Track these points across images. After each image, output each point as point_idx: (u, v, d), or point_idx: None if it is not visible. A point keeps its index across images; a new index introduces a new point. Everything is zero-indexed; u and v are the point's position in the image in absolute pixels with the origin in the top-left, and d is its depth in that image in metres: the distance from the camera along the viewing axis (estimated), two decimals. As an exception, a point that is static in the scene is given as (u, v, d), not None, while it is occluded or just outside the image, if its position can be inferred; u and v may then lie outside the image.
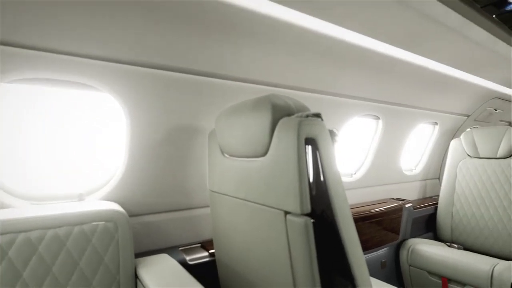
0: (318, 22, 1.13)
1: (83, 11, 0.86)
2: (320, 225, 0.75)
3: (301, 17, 1.10)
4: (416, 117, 2.23)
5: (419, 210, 2.26)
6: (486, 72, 1.99)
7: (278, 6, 1.02)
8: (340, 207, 0.78)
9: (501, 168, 2.09)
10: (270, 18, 1.06)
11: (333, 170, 0.78)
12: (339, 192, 0.78)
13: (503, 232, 1.99)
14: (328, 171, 0.77)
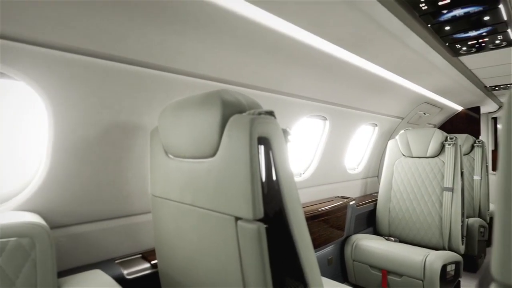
0: (269, 17, 1.09)
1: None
2: (273, 230, 0.70)
3: (252, 10, 1.04)
4: (359, 118, 2.35)
5: (361, 207, 2.38)
6: (419, 78, 2.17)
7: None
8: (294, 210, 0.74)
9: (430, 166, 2.30)
10: (219, 9, 0.98)
11: (286, 171, 0.73)
12: (292, 194, 0.74)
13: (432, 225, 2.20)
14: (281, 173, 0.72)
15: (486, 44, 1.59)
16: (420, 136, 2.37)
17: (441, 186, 2.22)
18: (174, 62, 1.11)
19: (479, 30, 1.41)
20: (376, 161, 2.93)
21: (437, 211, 2.20)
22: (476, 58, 1.86)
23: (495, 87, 2.68)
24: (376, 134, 2.72)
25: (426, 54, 1.70)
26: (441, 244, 2.14)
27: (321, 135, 2.17)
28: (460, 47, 1.63)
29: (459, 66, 2.01)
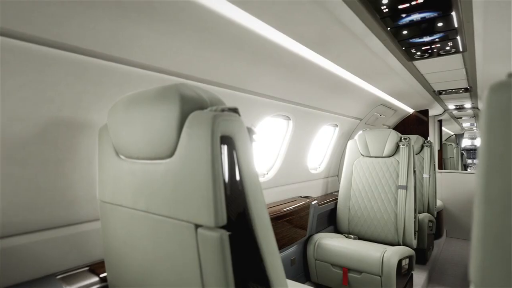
0: (233, 9, 1.03)
1: None
2: (237, 238, 0.64)
3: (215, 1, 0.98)
4: (321, 119, 2.38)
5: (323, 206, 2.42)
6: (377, 80, 2.26)
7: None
8: (259, 215, 0.69)
9: (386, 165, 2.41)
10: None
11: (251, 173, 0.68)
12: (258, 197, 0.69)
13: (388, 222, 2.30)
14: (246, 175, 0.67)
15: (437, 50, 1.68)
16: (377, 137, 2.47)
17: (396, 184, 2.33)
18: (128, 52, 1.01)
19: (433, 36, 1.48)
20: (337, 161, 3.01)
21: (393, 209, 2.30)
22: (428, 63, 1.97)
23: (442, 91, 2.89)
24: (336, 134, 2.79)
25: (384, 57, 1.75)
26: (396, 240, 2.25)
27: (285, 135, 2.16)
28: (415, 52, 1.71)
29: (413, 71, 2.12)
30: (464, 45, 1.61)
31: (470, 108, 4.10)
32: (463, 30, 1.42)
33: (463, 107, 4.01)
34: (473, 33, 1.45)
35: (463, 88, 2.76)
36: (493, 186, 0.33)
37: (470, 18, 1.27)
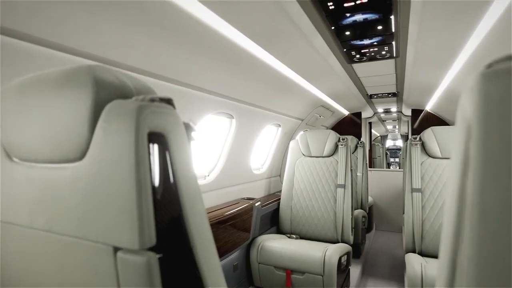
0: (170, -13, 0.89)
1: None
2: (170, 261, 0.51)
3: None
4: (265, 118, 2.33)
5: (266, 207, 2.38)
6: (319, 81, 2.29)
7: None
8: (198, 229, 0.57)
9: (326, 165, 2.47)
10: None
11: (189, 178, 0.55)
12: (197, 208, 0.57)
13: (328, 220, 2.35)
14: (182, 181, 0.54)
15: (374, 54, 1.76)
16: (318, 137, 2.53)
17: (335, 183, 2.40)
18: (27, 26, 0.79)
19: (372, 39, 1.53)
20: (279, 161, 3.01)
21: (332, 207, 2.37)
22: (364, 67, 2.06)
23: (374, 95, 3.11)
24: (279, 134, 2.78)
25: (327, 57, 1.77)
26: (335, 237, 2.31)
27: (227, 134, 2.05)
28: (354, 55, 1.76)
29: (351, 73, 2.20)
30: (397, 50, 1.71)
31: (395, 112, 4.52)
32: (399, 35, 1.48)
33: (389, 110, 4.40)
34: (407, 39, 1.53)
35: (392, 93, 3.00)
36: (491, 195, 0.28)
37: (406, 23, 1.33)
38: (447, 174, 2.08)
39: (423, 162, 2.18)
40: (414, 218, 2.07)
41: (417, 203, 2.09)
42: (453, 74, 2.00)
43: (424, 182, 2.14)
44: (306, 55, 1.65)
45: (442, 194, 2.06)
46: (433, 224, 2.03)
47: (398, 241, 3.90)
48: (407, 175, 2.19)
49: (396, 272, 2.91)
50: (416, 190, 2.12)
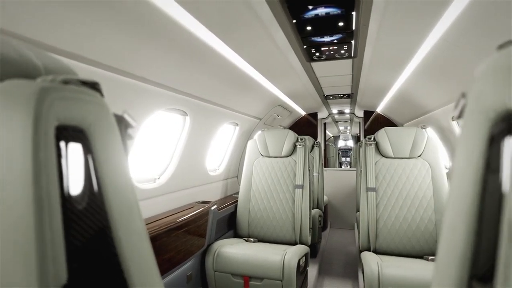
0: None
1: None
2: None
3: None
4: (222, 116, 2.21)
5: (223, 210, 2.25)
6: (278, 79, 2.23)
7: None
8: (134, 252, 0.43)
9: (285, 165, 2.42)
10: None
11: (121, 188, 0.41)
12: (132, 225, 0.43)
13: (287, 221, 2.30)
14: (112, 192, 0.40)
15: (334, 53, 1.73)
16: (276, 137, 2.47)
17: (293, 184, 2.36)
18: None
19: (333, 36, 1.49)
20: (236, 162, 2.90)
21: (290, 208, 2.32)
22: (323, 66, 2.05)
23: (330, 96, 3.15)
24: (236, 133, 2.67)
25: (287, 54, 1.70)
26: (293, 239, 2.27)
27: (181, 133, 1.88)
28: (314, 52, 1.72)
29: (310, 72, 2.18)
30: (356, 50, 1.70)
31: (348, 113, 4.69)
32: (359, 34, 1.47)
33: (343, 112, 4.55)
34: (366, 38, 1.52)
35: (346, 94, 3.06)
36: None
37: (367, 21, 1.31)
38: (399, 173, 2.15)
39: (377, 161, 2.23)
40: (369, 217, 2.11)
41: (372, 202, 2.13)
42: (406, 75, 2.08)
43: (378, 181, 2.18)
44: (265, 49, 1.56)
45: (395, 192, 2.12)
46: (386, 223, 2.08)
47: (350, 238, 4.03)
48: (362, 174, 2.22)
49: (350, 269, 2.97)
50: (371, 189, 2.15)
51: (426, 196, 2.05)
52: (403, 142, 2.18)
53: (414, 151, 2.15)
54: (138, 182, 1.58)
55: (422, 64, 1.75)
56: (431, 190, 2.05)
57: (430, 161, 2.11)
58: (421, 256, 1.99)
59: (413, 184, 2.10)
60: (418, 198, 2.06)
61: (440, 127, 2.40)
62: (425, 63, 1.72)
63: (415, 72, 1.94)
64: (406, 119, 3.31)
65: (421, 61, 1.72)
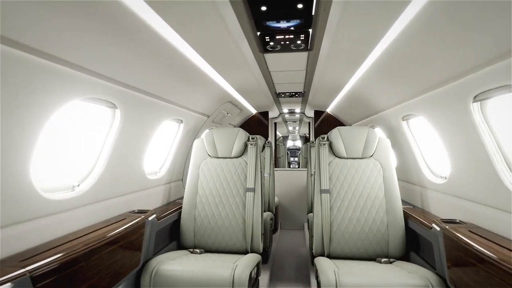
0: None
1: None
2: None
3: None
4: (162, 111, 1.91)
5: (164, 219, 1.96)
6: (227, 71, 2.01)
7: None
8: None
9: (235, 167, 2.21)
10: None
11: None
12: None
13: (237, 228, 2.09)
14: None
15: (289, 43, 1.58)
16: (226, 136, 2.25)
17: (244, 186, 2.16)
18: None
19: (290, 21, 1.32)
20: (181, 163, 2.61)
21: (241, 213, 2.12)
22: (277, 59, 1.88)
23: (282, 94, 3.03)
24: (181, 132, 2.39)
25: (238, 41, 1.50)
26: (244, 247, 2.07)
27: (109, 129, 1.56)
28: (268, 41, 1.54)
29: (263, 65, 2.00)
30: (313, 42, 1.56)
31: (298, 113, 4.66)
32: (317, 22, 1.32)
33: (294, 111, 4.50)
34: (324, 29, 1.39)
35: (298, 92, 2.97)
36: None
37: (328, 6, 1.16)
38: (352, 174, 2.09)
39: (330, 162, 2.15)
40: (323, 220, 2.01)
41: (325, 205, 2.03)
42: (359, 74, 2.02)
43: (331, 182, 2.10)
44: (215, 33, 1.34)
45: (348, 194, 2.05)
46: (340, 225, 2.00)
47: (301, 239, 3.98)
48: (316, 175, 2.12)
49: (302, 272, 2.88)
50: (325, 191, 2.06)
51: (378, 197, 2.02)
52: (356, 142, 2.12)
53: (366, 151, 2.11)
54: (46, 191, 1.23)
55: (377, 63, 1.69)
56: (383, 190, 2.03)
57: (382, 161, 2.08)
58: (374, 258, 1.94)
59: (365, 185, 2.05)
60: (371, 199, 2.02)
61: (389, 127, 2.42)
62: (379, 62, 1.66)
63: (369, 71, 1.88)
64: (356, 119, 3.34)
65: (376, 60, 1.66)
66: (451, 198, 1.73)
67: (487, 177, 1.34)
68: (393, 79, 1.80)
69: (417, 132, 2.12)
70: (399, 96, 1.94)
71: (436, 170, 2.00)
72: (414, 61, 1.44)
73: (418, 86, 1.65)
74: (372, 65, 1.77)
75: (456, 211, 1.66)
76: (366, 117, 2.94)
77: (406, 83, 1.73)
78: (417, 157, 2.12)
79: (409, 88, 1.75)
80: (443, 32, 1.10)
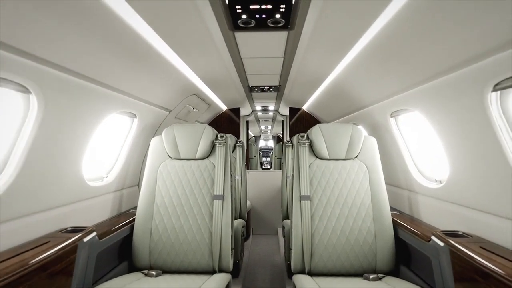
0: None
1: None
2: None
3: None
4: (107, 102, 1.53)
5: (110, 237, 1.58)
6: (191, 54, 1.66)
7: None
8: None
9: (200, 170, 1.87)
10: None
11: None
12: None
13: (202, 244, 1.75)
14: None
15: (266, 17, 1.27)
16: (189, 133, 1.90)
17: (211, 193, 1.83)
18: None
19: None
20: (137, 166, 2.21)
21: (207, 226, 1.78)
22: (250, 40, 1.57)
23: (255, 87, 2.72)
24: (135, 128, 2.00)
25: (204, 16, 1.17)
26: (211, 266, 1.74)
27: (24, 122, 1.15)
28: (240, 13, 1.22)
29: (233, 49, 1.68)
30: (294, 17, 1.27)
31: (272, 111, 4.38)
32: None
33: (267, 109, 4.22)
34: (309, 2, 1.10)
35: (273, 87, 2.68)
36: None
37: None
38: (335, 178, 1.83)
39: (311, 164, 1.88)
40: (303, 232, 1.73)
41: (306, 214, 1.75)
42: (346, 62, 1.76)
43: (312, 187, 1.83)
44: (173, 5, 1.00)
45: (331, 201, 1.79)
46: (322, 237, 1.73)
47: (275, 245, 3.71)
48: (295, 180, 1.83)
49: (278, 283, 2.60)
50: (305, 198, 1.78)
51: (365, 203, 1.77)
52: (339, 141, 1.87)
53: (351, 152, 1.86)
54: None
55: (368, 49, 1.44)
56: (370, 195, 1.79)
57: (367, 163, 1.84)
58: (361, 274, 1.70)
59: (350, 190, 1.80)
60: (356, 206, 1.77)
61: (374, 124, 2.20)
62: (371, 47, 1.41)
63: (357, 60, 1.63)
64: (335, 117, 3.12)
65: (367, 45, 1.41)
66: (448, 205, 1.52)
67: (501, 182, 1.12)
68: (385, 69, 1.55)
69: (405, 131, 1.91)
70: (390, 89, 1.71)
71: (427, 172, 1.79)
72: (414, 45, 1.20)
73: (415, 76, 1.41)
74: (361, 52, 1.52)
75: (455, 220, 1.45)
76: (347, 114, 2.72)
77: (401, 72, 1.49)
78: (406, 158, 1.91)
79: (404, 78, 1.51)
80: (455, 4, 0.86)
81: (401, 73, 1.50)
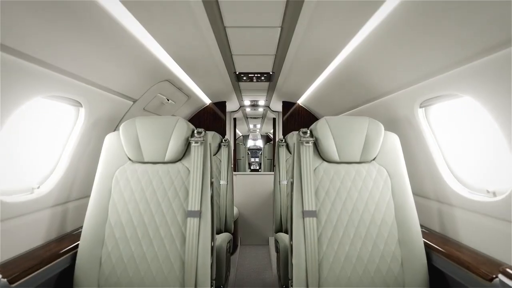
0: None
1: None
2: None
3: None
4: (23, 78, 1.03)
5: (32, 277, 1.09)
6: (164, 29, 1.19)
7: None
8: None
9: (170, 176, 1.41)
10: None
11: None
12: None
13: (171, 277, 1.29)
14: None
15: None
16: (156, 128, 1.43)
17: (184, 209, 1.36)
18: None
19: None
20: (88, 171, 1.71)
21: (178, 253, 1.32)
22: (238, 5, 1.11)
23: (243, 75, 2.26)
24: (82, 122, 1.50)
25: None
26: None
27: None
28: None
29: (214, 17, 1.21)
30: None
31: (262, 106, 3.94)
32: None
33: (257, 104, 3.77)
34: None
35: (265, 74, 2.23)
36: None
37: None
38: (348, 187, 1.40)
39: (316, 168, 1.44)
40: (308, 260, 1.29)
41: (311, 234, 1.32)
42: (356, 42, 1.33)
43: (318, 200, 1.39)
44: None
45: (343, 218, 1.36)
46: (334, 267, 1.30)
47: (265, 258, 3.26)
48: (296, 190, 1.39)
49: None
50: (310, 214, 1.34)
51: (387, 221, 1.35)
52: (352, 139, 1.43)
53: (367, 152, 1.43)
54: None
55: (388, 21, 1.02)
56: (393, 210, 1.36)
57: (389, 167, 1.42)
58: None
59: (367, 203, 1.37)
60: (376, 225, 1.35)
61: (391, 119, 1.78)
62: (393, 18, 0.99)
63: (374, 35, 1.21)
64: (337, 111, 2.68)
65: (388, 15, 0.99)
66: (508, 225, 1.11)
67: None
68: (419, 41, 1.13)
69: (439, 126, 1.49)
70: (424, 69, 1.29)
71: (470, 180, 1.38)
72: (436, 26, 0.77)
73: (470, 47, 0.99)
74: (384, 21, 1.09)
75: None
76: (353, 108, 2.29)
77: (440, 45, 1.07)
78: (437, 161, 1.49)
79: (447, 53, 1.09)
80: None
81: (443, 45, 1.07)
